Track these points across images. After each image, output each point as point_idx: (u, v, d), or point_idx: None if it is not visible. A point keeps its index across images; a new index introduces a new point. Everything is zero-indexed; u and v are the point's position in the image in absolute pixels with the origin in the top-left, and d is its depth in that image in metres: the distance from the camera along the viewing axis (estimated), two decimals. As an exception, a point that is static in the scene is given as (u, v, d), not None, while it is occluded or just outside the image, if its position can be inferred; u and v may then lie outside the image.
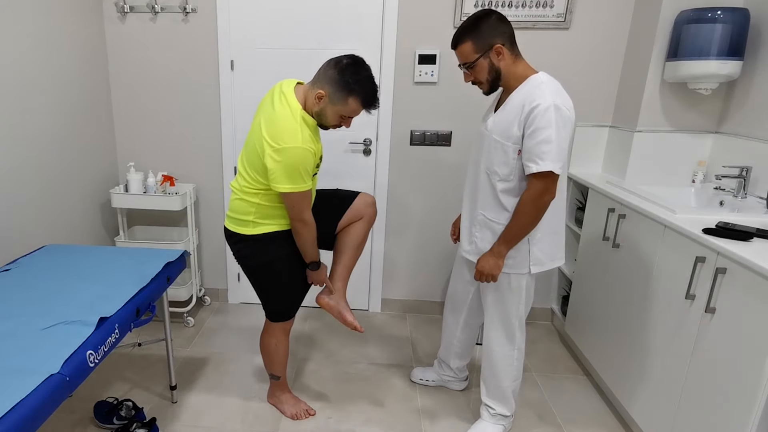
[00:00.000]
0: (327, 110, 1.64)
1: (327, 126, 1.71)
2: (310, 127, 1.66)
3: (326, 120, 1.68)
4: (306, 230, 1.74)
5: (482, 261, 1.73)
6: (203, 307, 2.99)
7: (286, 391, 2.11)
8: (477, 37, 1.60)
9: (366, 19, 2.53)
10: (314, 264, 1.85)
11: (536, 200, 1.59)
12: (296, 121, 1.61)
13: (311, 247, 1.80)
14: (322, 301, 1.95)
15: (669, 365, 1.73)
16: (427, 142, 2.68)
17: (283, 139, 1.58)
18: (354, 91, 1.60)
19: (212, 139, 2.77)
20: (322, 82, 1.62)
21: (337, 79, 1.59)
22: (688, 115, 2.31)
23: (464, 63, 1.65)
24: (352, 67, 1.60)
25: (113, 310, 1.53)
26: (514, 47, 1.63)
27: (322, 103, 1.63)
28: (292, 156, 1.58)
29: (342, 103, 1.62)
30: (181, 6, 2.57)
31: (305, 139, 1.60)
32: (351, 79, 1.59)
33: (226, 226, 1.83)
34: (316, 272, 1.87)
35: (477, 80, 1.67)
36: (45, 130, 2.23)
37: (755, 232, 1.55)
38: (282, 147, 1.57)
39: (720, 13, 2.01)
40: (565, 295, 2.76)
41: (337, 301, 1.95)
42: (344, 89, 1.60)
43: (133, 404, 1.99)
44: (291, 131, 1.59)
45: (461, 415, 2.10)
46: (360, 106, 1.64)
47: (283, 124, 1.60)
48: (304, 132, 1.61)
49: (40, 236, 2.23)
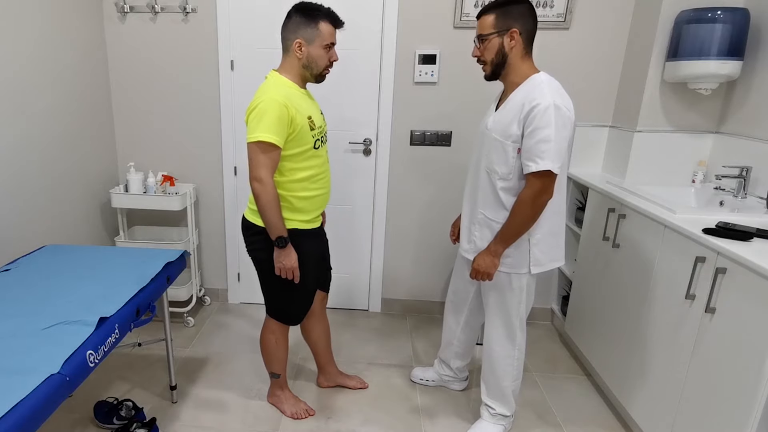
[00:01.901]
0: (311, 52, 1.70)
1: (321, 70, 1.74)
2: (291, 89, 1.70)
3: (316, 63, 1.72)
4: (262, 190, 1.62)
5: (478, 259, 1.73)
6: (203, 307, 2.99)
7: (286, 390, 2.10)
8: (501, 14, 1.61)
9: (366, 19, 2.53)
10: (281, 240, 1.69)
11: (534, 200, 1.59)
12: (268, 86, 1.67)
13: (273, 215, 1.66)
14: (323, 386, 2.25)
15: (669, 365, 1.73)
16: (427, 142, 2.68)
17: (255, 100, 1.64)
18: (317, 16, 1.68)
19: (212, 139, 2.77)
20: (291, 36, 1.70)
21: (299, 20, 1.68)
22: (688, 115, 2.31)
23: (480, 35, 1.66)
24: (301, 5, 1.70)
25: (113, 310, 1.53)
26: (529, 43, 1.64)
27: (303, 50, 1.69)
28: (260, 106, 1.61)
29: (317, 35, 1.68)
30: (181, 6, 2.57)
31: (278, 94, 1.63)
32: (308, 12, 1.68)
33: (245, 216, 1.83)
34: (284, 252, 1.70)
35: (483, 58, 1.67)
36: (45, 130, 2.23)
37: (755, 232, 1.55)
38: (252, 105, 1.64)
39: (720, 13, 2.01)
40: (565, 295, 2.76)
41: (335, 380, 2.25)
42: (310, 22, 1.67)
43: (133, 404, 1.99)
44: (262, 91, 1.66)
45: (461, 415, 2.10)
46: (330, 25, 1.70)
47: (257, 92, 1.68)
48: (278, 90, 1.65)
49: (40, 236, 2.23)
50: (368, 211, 2.82)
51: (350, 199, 2.80)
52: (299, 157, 1.71)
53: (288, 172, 1.72)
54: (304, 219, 1.79)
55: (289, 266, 1.73)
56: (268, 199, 1.64)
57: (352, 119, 2.67)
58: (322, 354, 2.20)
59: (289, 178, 1.73)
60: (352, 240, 2.88)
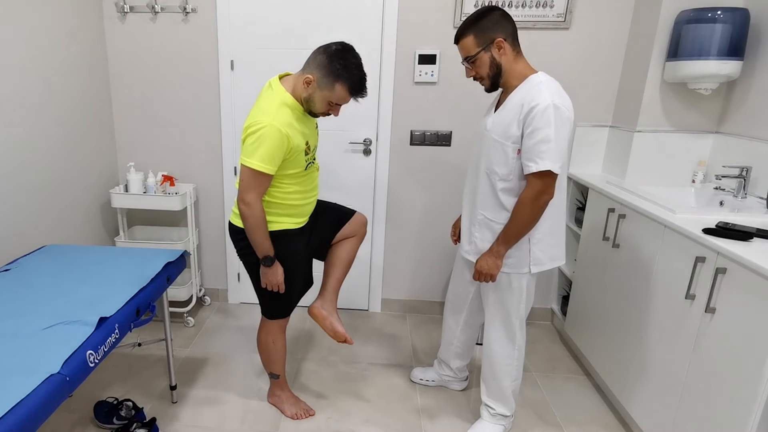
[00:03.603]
0: (315, 96, 1.64)
1: (316, 113, 1.71)
2: (294, 111, 1.66)
3: (314, 106, 1.67)
4: (249, 213, 1.64)
5: (481, 261, 1.73)
6: (203, 307, 2.99)
7: (286, 390, 2.10)
8: (479, 31, 1.60)
9: (366, 19, 2.53)
10: (267, 259, 1.72)
11: (534, 200, 1.59)
12: (273, 105, 1.63)
13: (260, 237, 1.69)
14: (314, 311, 1.96)
15: (669, 365, 1.73)
16: (427, 142, 2.68)
17: (256, 120, 1.59)
18: (341, 77, 1.60)
19: (212, 139, 2.77)
20: (311, 67, 1.63)
21: (325, 64, 1.60)
22: (688, 115, 2.31)
23: (466, 57, 1.66)
24: (340, 53, 1.60)
25: (113, 310, 1.53)
26: (515, 44, 1.63)
27: (310, 88, 1.63)
28: (261, 132, 1.57)
29: (329, 88, 1.62)
30: (181, 6, 2.57)
31: (280, 121, 1.59)
32: (339, 65, 1.59)
33: (231, 221, 1.84)
34: (270, 270, 1.74)
35: (478, 75, 1.67)
36: (45, 130, 2.23)
37: (755, 232, 1.55)
38: (253, 125, 1.58)
39: (720, 13, 2.01)
40: (565, 295, 2.76)
41: (330, 312, 1.97)
42: (332, 75, 1.60)
43: (133, 404, 1.99)
44: (265, 112, 1.60)
45: (461, 415, 2.10)
46: (347, 93, 1.64)
47: (260, 107, 1.63)
48: (281, 113, 1.61)
49: (40, 236, 2.23)
50: (368, 211, 2.82)
51: (350, 199, 2.80)
52: (290, 177, 1.73)
53: (280, 186, 1.73)
54: (295, 221, 1.81)
55: (275, 282, 1.78)
56: (255, 222, 1.66)
57: (352, 119, 2.67)
58: (334, 275, 2.00)
59: (280, 191, 1.74)
60: (352, 240, 2.88)
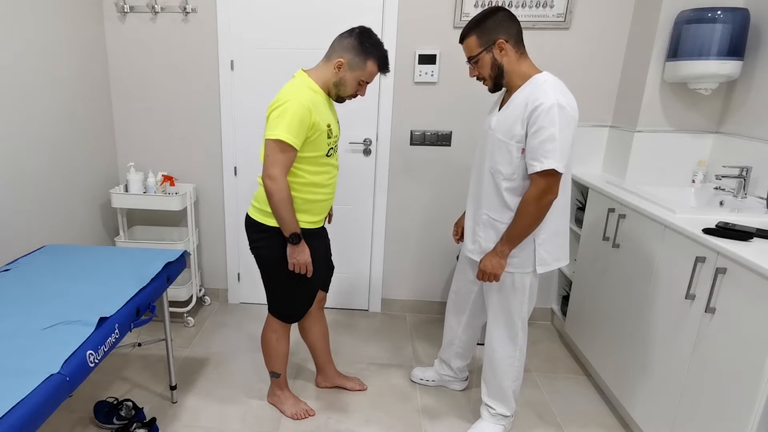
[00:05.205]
0: (347, 77, 1.71)
1: (345, 95, 1.76)
2: (318, 95, 1.71)
3: (345, 88, 1.74)
4: (275, 188, 1.63)
5: (485, 261, 1.73)
6: (203, 307, 2.99)
7: (286, 390, 2.11)
8: (482, 32, 1.62)
9: (366, 18, 2.53)
10: (294, 236, 1.70)
11: (539, 199, 1.59)
12: (296, 87, 1.67)
13: (286, 213, 1.66)
14: (321, 386, 2.25)
15: (669, 365, 1.73)
16: (427, 142, 2.68)
17: (279, 98, 1.64)
18: (372, 54, 1.69)
19: (212, 139, 2.77)
20: (339, 52, 1.70)
21: (355, 45, 1.68)
22: (688, 115, 2.31)
23: (469, 57, 1.68)
24: (366, 33, 1.71)
25: (113, 310, 1.53)
26: (519, 45, 1.63)
27: (342, 71, 1.70)
28: (284, 105, 1.62)
29: (361, 67, 1.70)
30: (181, 6, 2.57)
31: (303, 97, 1.64)
32: (368, 43, 1.69)
33: (249, 214, 1.83)
34: (298, 247, 1.72)
35: (481, 75, 1.69)
36: (45, 130, 2.23)
37: (755, 232, 1.55)
38: (276, 102, 1.64)
39: (720, 13, 2.01)
40: (565, 295, 2.76)
41: (333, 381, 2.24)
42: (363, 53, 1.69)
43: (133, 404, 1.99)
44: (288, 92, 1.65)
45: (461, 415, 2.10)
46: (377, 68, 1.73)
47: (283, 90, 1.68)
48: (305, 93, 1.66)
49: (40, 236, 2.23)
50: (368, 211, 2.82)
51: (350, 199, 2.80)
52: (310, 162, 1.72)
53: (298, 174, 1.72)
54: (309, 220, 1.80)
55: (303, 261, 1.75)
56: (281, 197, 1.65)
57: (352, 119, 2.67)
58: (321, 354, 2.20)
59: (298, 180, 1.73)
60: (352, 240, 2.88)
